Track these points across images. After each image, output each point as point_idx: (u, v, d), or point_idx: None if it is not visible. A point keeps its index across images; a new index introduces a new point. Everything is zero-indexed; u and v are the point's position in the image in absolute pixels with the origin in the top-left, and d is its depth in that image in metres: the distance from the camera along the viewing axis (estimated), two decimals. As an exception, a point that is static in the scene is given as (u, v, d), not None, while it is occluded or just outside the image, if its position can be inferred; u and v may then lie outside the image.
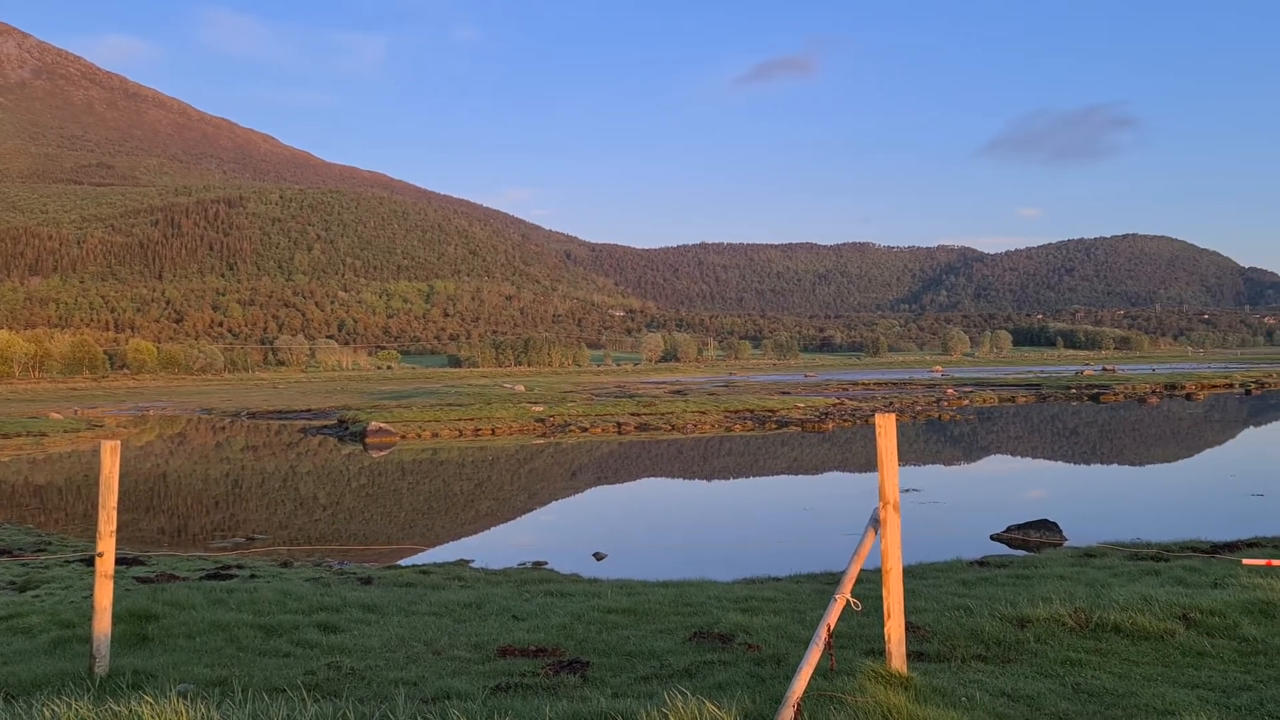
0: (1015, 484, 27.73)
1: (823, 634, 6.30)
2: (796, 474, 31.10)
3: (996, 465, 32.24)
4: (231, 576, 13.12)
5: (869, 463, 31.22)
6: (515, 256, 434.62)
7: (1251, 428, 45.50)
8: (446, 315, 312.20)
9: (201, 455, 39.60)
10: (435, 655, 8.20)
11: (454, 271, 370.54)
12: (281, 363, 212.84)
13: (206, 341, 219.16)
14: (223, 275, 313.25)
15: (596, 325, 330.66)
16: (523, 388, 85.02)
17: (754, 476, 30.89)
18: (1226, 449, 35.73)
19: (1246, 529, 16.22)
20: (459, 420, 47.11)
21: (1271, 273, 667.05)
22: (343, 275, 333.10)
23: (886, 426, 6.80)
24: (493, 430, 44.77)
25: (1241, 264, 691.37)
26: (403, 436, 42.81)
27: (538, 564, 15.60)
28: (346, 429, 47.02)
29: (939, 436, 41.70)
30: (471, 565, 15.35)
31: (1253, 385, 75.01)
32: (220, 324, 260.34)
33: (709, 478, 30.71)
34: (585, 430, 44.22)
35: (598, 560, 16.44)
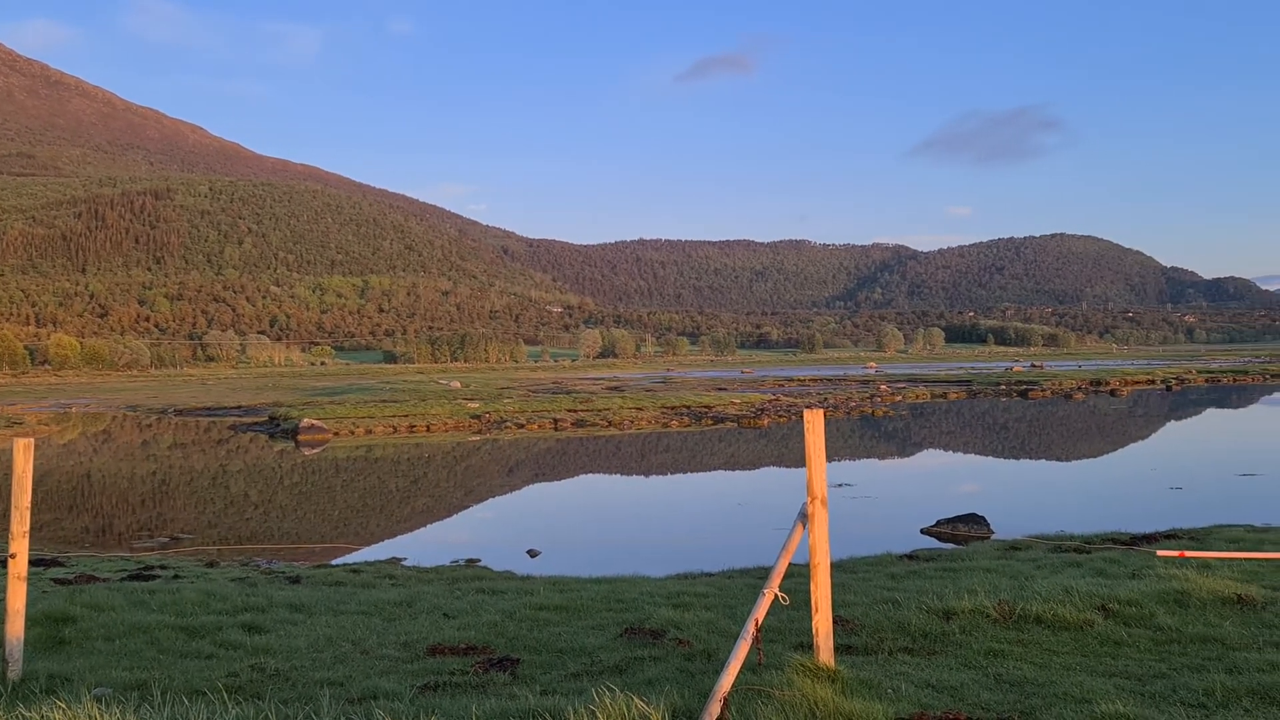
0: (946, 478, 28.22)
1: (751, 629, 6.34)
2: (732, 469, 31.31)
3: (928, 460, 32.79)
4: (154, 577, 12.79)
5: (803, 458, 31.55)
6: (452, 252, 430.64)
7: (1172, 423, 46.91)
8: (382, 311, 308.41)
9: (127, 453, 38.61)
10: (363, 655, 8.08)
11: (389, 266, 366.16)
12: (211, 359, 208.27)
13: (132, 337, 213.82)
14: (149, 269, 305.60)
15: (534, 321, 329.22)
16: (459, 384, 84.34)
17: (690, 472, 31.03)
18: (1148, 444, 36.78)
19: (1165, 521, 16.68)
20: (393, 417, 46.57)
21: (1192, 272, 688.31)
22: (275, 269, 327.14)
23: (815, 423, 6.87)
24: (428, 427, 44.34)
25: (1164, 263, 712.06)
26: (336, 434, 42.20)
27: (471, 561, 15.48)
28: (278, 426, 46.21)
29: (872, 432, 42.29)
30: (404, 563, 15.18)
31: (1173, 381, 77.31)
32: (147, 319, 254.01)
33: (645, 474, 30.77)
34: (522, 427, 44.02)
35: (532, 557, 16.37)
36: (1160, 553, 7.32)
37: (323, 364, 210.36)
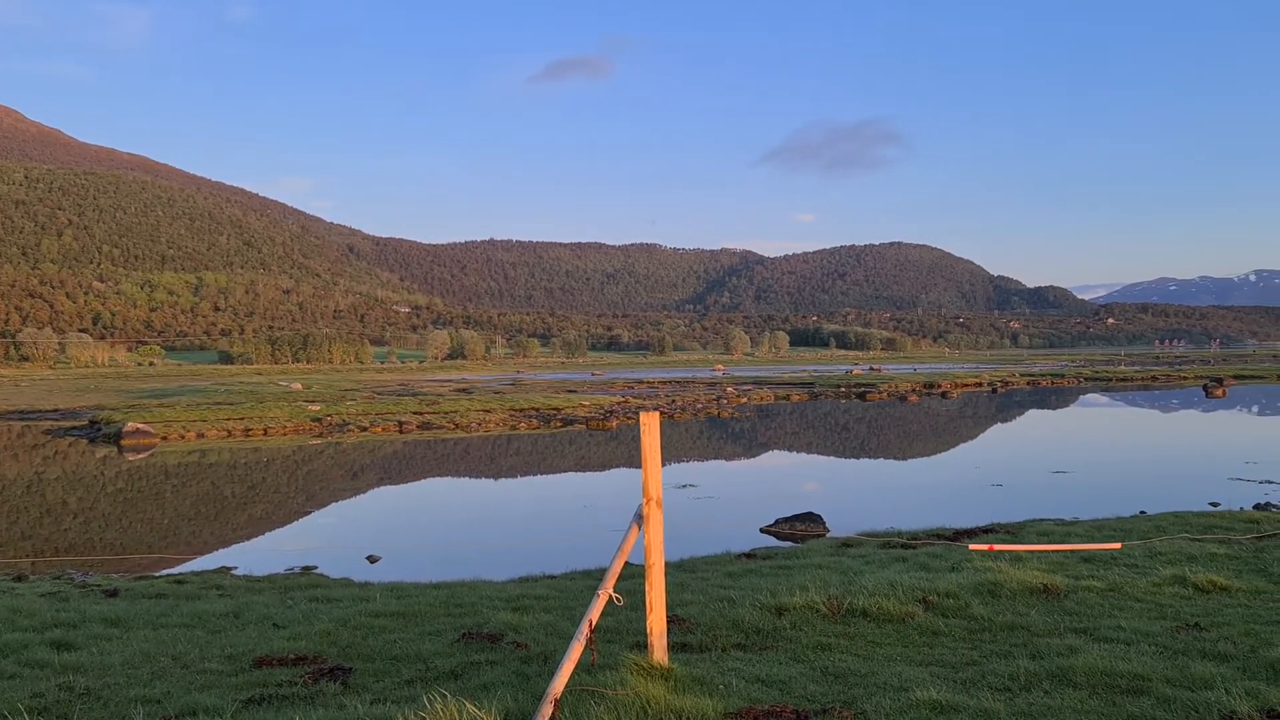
0: (787, 478, 29.04)
1: (584, 629, 6.38)
2: (579, 471, 31.37)
3: (770, 461, 33.67)
4: (-47, 594, 11.87)
5: (650, 459, 31.90)
6: (294, 249, 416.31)
7: (995, 424, 49.64)
8: (217, 309, 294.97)
9: (-74, 460, 35.65)
10: (184, 669, 7.72)
11: (226, 263, 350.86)
12: (25, 358, 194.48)
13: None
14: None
15: (380, 321, 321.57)
16: (300, 385, 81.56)
17: (537, 475, 30.92)
18: (974, 444, 38.82)
19: (986, 516, 17.60)
20: (227, 420, 44.62)
21: (1017, 281, 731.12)
22: (99, 264, 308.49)
23: (650, 425, 6.96)
24: (265, 430, 42.68)
25: (992, 272, 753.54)
26: (164, 438, 40.12)
27: (307, 569, 14.98)
28: (99, 430, 43.59)
29: (718, 433, 43.14)
30: (234, 573, 14.57)
31: (999, 384, 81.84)
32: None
33: (492, 476, 30.49)
34: (365, 429, 42.93)
35: (371, 563, 15.98)
36: (972, 546, 7.78)
37: (151, 364, 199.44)
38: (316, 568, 15.15)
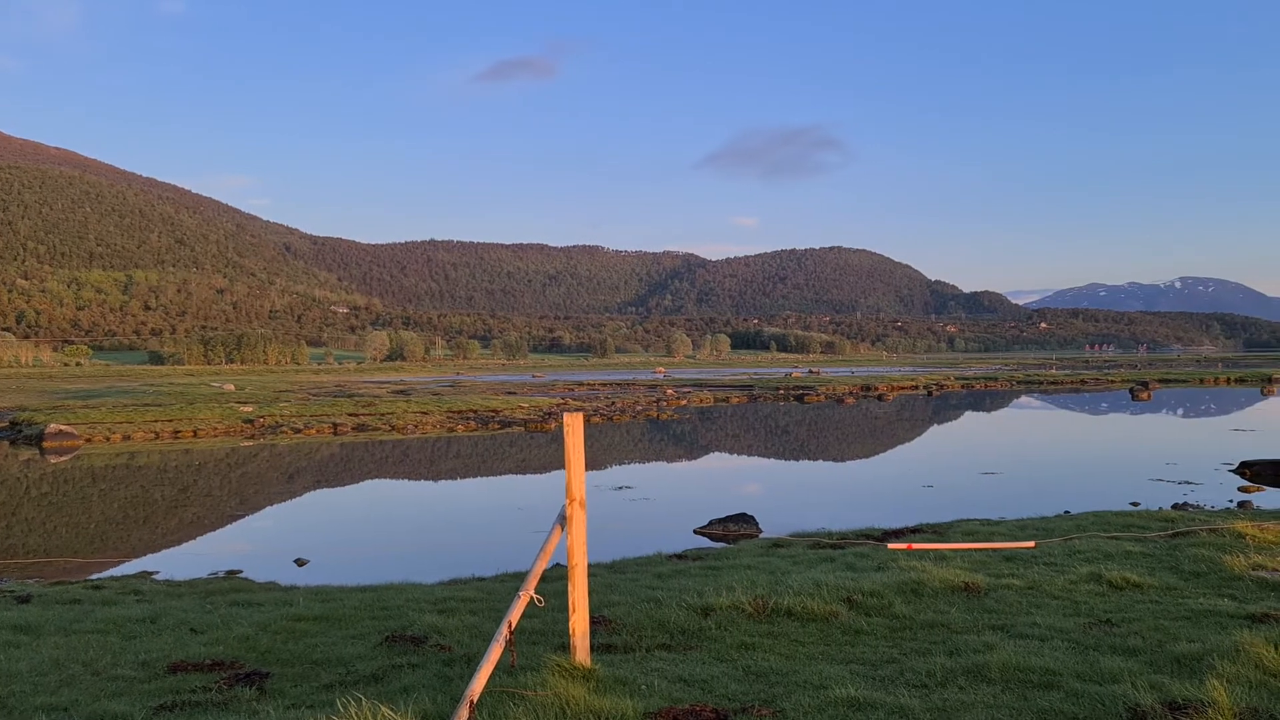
0: (723, 479, 29.20)
1: (504, 631, 6.35)
2: (517, 473, 31.22)
3: (708, 462, 33.83)
4: None
5: (589, 460, 31.83)
6: (228, 247, 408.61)
7: (929, 425, 50.44)
8: (148, 308, 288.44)
9: None
10: (94, 676, 7.53)
11: (157, 261, 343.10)
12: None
13: None
14: None
15: (318, 322, 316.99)
16: (232, 387, 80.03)
17: (474, 477, 30.72)
18: (907, 445, 39.40)
19: (915, 517, 17.84)
20: (155, 422, 43.62)
21: (954, 286, 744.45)
22: (23, 261, 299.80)
23: (574, 426, 6.96)
24: (194, 432, 41.81)
25: (929, 277, 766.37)
26: (89, 440, 39.09)
27: (232, 573, 14.69)
28: (20, 431, 42.33)
29: (658, 435, 43.24)
30: (155, 577, 14.23)
31: (934, 387, 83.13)
32: None
33: (428, 479, 30.21)
34: (299, 431, 42.25)
35: (299, 566, 15.72)
36: (891, 546, 7.90)
37: (78, 365, 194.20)
38: (241, 572, 14.86)
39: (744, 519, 18.49)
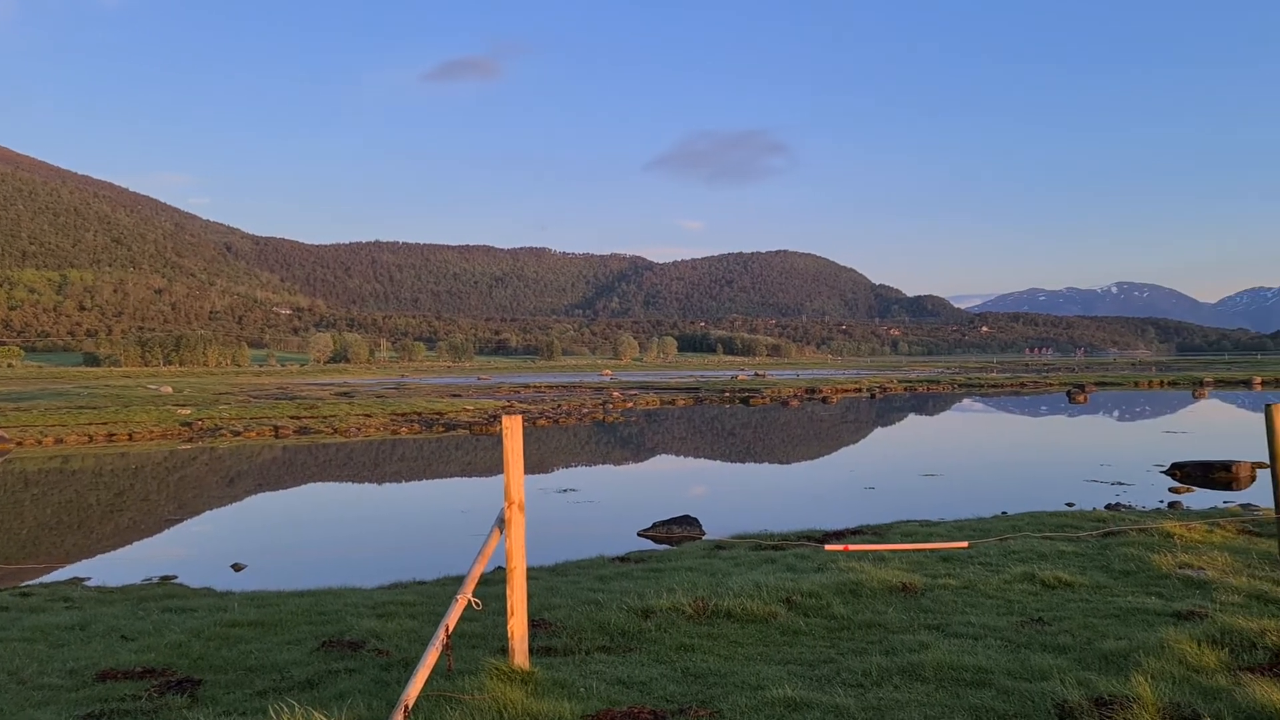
0: (668, 482, 29.28)
1: (441, 635, 6.31)
2: (461, 476, 31.02)
3: (653, 464, 33.89)
4: None
5: (535, 463, 31.71)
6: (167, 247, 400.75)
7: (872, 428, 51.05)
8: (83, 309, 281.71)
9: None
10: (20, 685, 7.34)
11: (93, 260, 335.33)
12: None
13: None
14: None
15: (260, 323, 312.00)
16: (170, 389, 78.49)
17: (417, 480, 30.45)
18: (851, 447, 39.82)
19: (857, 518, 18.04)
20: (89, 424, 42.62)
21: (897, 289, 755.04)
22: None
23: (513, 429, 6.94)
24: (130, 435, 40.92)
25: (873, 281, 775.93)
26: (20, 443, 38.08)
27: (166, 579, 14.38)
28: (-52, 435, 41.09)
29: (603, 438, 43.22)
30: (87, 584, 13.89)
31: (877, 390, 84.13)
32: None
33: (371, 482, 29.89)
34: (238, 434, 41.55)
35: (236, 571, 15.45)
36: (828, 548, 8.00)
37: (10, 366, 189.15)
38: (176, 577, 14.57)
39: (687, 521, 18.56)
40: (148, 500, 25.96)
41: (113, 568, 16.26)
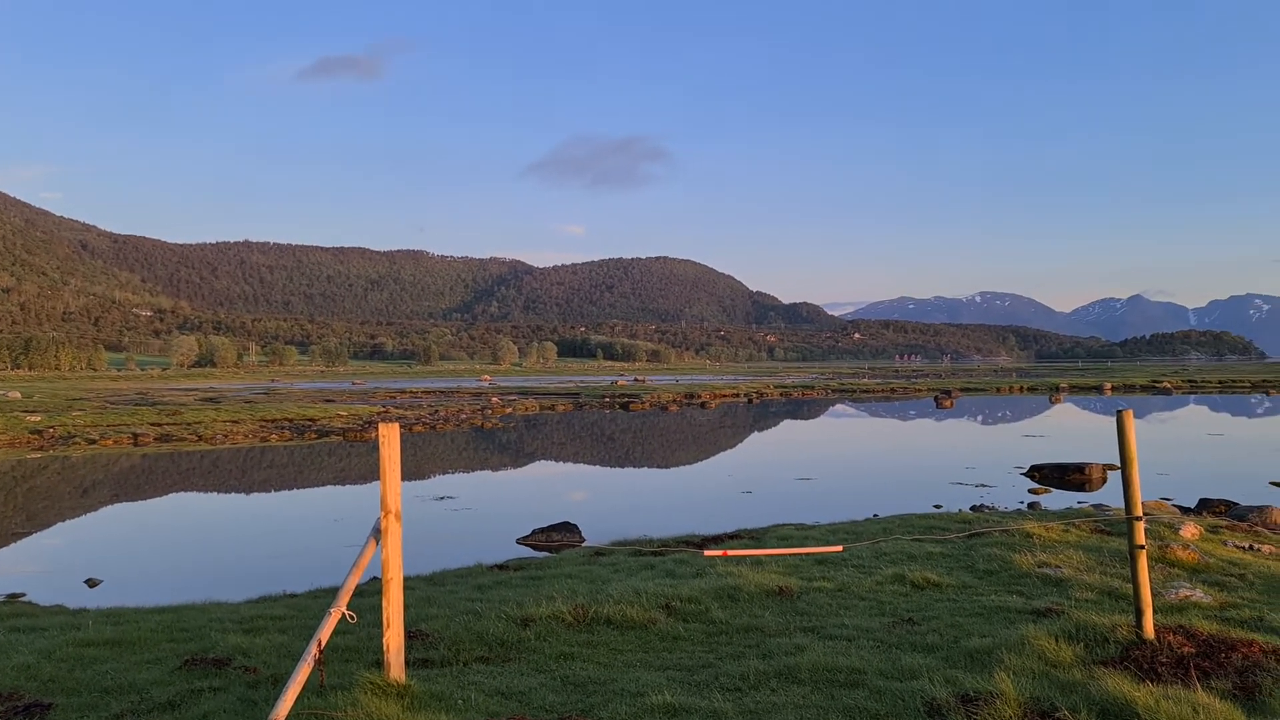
0: (547, 488, 29.12)
1: (313, 650, 6.11)
2: (334, 484, 30.20)
3: (532, 471, 33.67)
4: None
5: (411, 470, 31.11)
6: (16, 244, 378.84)
7: (748, 433, 51.91)
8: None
9: None
10: None
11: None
12: None
13: None
14: None
15: (118, 325, 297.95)
16: (18, 394, 74.15)
17: (288, 489, 29.49)
18: (729, 452, 40.40)
19: (734, 523, 18.28)
20: (-71, 432, 39.90)
21: (774, 297, 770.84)
22: None
23: (389, 436, 6.78)
24: (-26, 443, 38.44)
25: (751, 288, 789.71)
26: None
27: (13, 596, 13.54)
28: None
29: (482, 444, 42.72)
30: (-78, 604, 12.96)
31: (754, 395, 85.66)
32: None
33: (239, 491, 28.81)
34: (94, 442, 39.49)
35: (91, 587, 14.66)
36: (707, 553, 8.06)
37: None
38: (25, 595, 13.74)
39: (567, 528, 18.49)
40: (-7, 513, 24.42)
41: (-47, 586, 15.21)
